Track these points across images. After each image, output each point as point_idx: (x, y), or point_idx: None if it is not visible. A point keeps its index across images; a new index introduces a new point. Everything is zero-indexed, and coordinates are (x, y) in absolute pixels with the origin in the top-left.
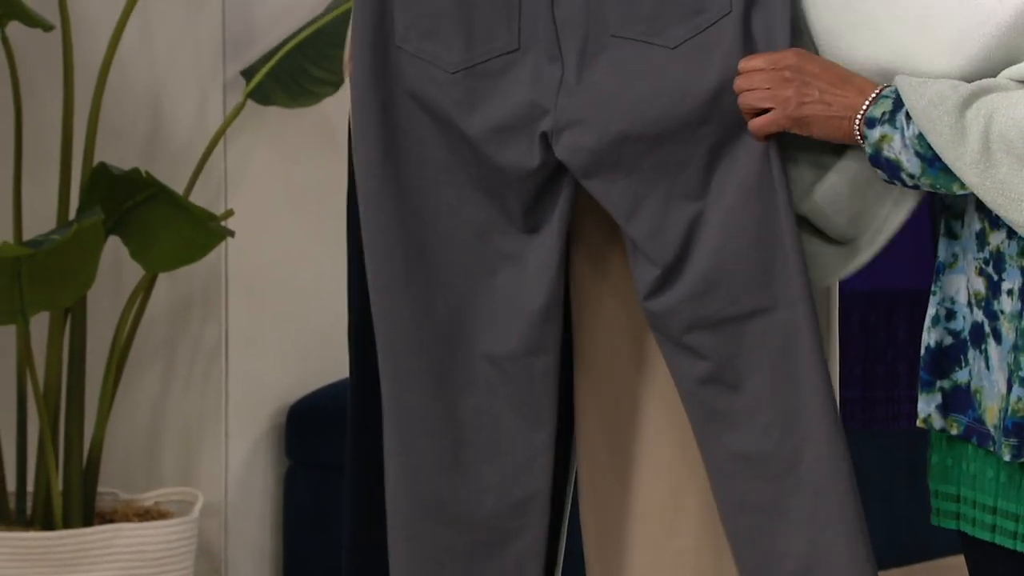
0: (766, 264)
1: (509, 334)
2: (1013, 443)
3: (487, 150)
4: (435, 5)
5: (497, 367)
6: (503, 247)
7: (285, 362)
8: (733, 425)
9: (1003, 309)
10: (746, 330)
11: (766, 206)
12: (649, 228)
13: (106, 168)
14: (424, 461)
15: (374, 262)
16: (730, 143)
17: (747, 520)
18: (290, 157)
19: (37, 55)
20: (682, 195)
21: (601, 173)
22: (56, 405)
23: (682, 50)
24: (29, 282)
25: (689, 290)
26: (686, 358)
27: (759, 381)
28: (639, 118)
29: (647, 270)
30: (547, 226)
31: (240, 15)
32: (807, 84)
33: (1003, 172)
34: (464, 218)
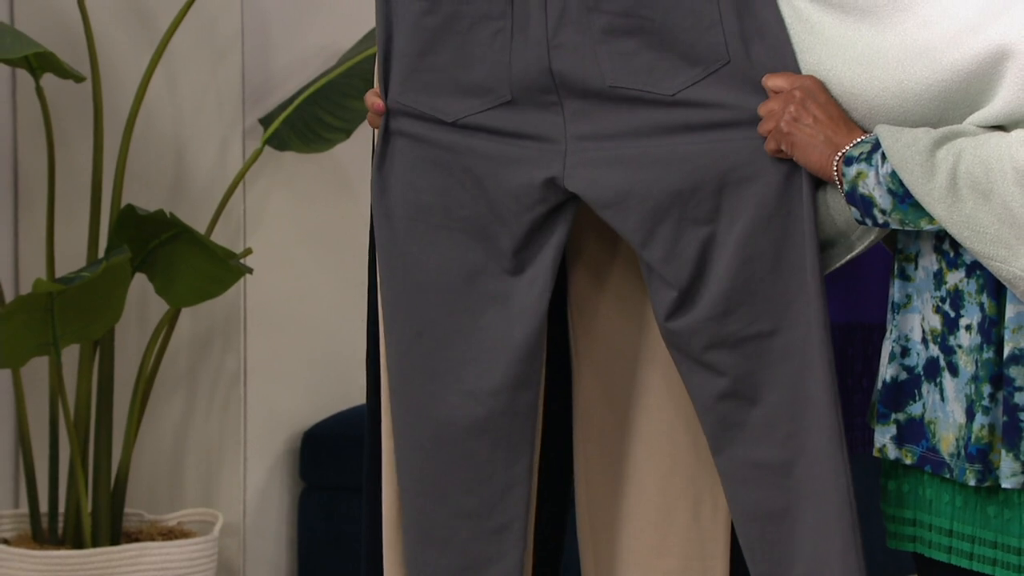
0: (786, 288)
1: (493, 371)
2: (977, 468)
3: (488, 183)
4: (432, 60)
5: (480, 403)
6: (491, 289)
7: (299, 391)
8: (750, 437)
9: (960, 344)
10: (765, 348)
11: (787, 232)
12: (663, 252)
13: (133, 210)
14: (409, 485)
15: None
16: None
17: (760, 527)
18: (304, 199)
19: (69, 104)
20: (693, 219)
21: (616, 204)
22: (86, 431)
23: (680, 97)
24: (61, 316)
25: (710, 311)
26: (705, 375)
27: (777, 396)
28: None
29: (665, 293)
30: (535, 268)
31: (259, 67)
32: (807, 108)
33: (969, 207)
34: (455, 260)
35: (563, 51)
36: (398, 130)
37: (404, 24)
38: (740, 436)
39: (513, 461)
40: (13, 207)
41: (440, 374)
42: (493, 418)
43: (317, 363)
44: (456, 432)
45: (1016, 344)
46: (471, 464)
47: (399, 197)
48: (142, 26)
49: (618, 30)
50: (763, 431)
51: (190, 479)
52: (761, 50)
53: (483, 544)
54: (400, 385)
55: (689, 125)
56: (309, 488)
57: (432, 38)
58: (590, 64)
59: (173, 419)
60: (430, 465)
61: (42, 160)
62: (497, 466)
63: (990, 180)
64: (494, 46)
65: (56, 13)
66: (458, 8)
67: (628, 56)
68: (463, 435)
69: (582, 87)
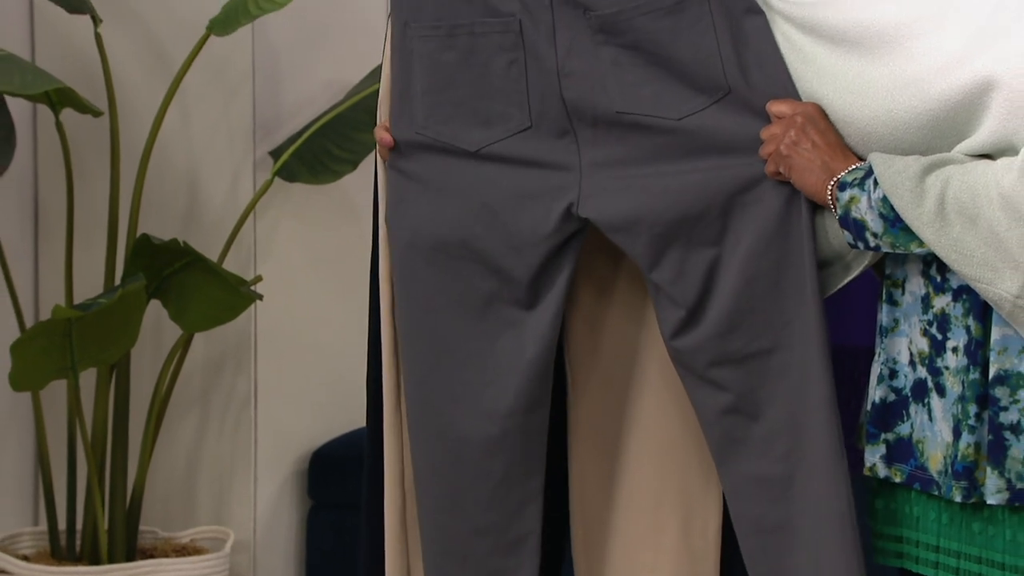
0: (785, 307)
1: (507, 393)
2: (963, 485)
3: (504, 216)
4: (453, 94)
5: (494, 423)
6: (506, 316)
7: (308, 412)
8: (752, 452)
9: (948, 365)
10: (766, 365)
11: (786, 253)
12: (672, 274)
13: (148, 239)
14: (430, 502)
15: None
16: (743, 194)
17: (762, 539)
18: (313, 228)
19: (87, 138)
20: (700, 242)
21: (627, 228)
22: (102, 451)
23: (685, 124)
24: (79, 341)
25: (714, 329)
26: (709, 391)
27: (777, 411)
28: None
29: (672, 312)
30: (548, 297)
31: (269, 102)
32: (807, 134)
33: (956, 231)
34: (472, 289)
35: (573, 80)
36: (418, 164)
37: (422, 60)
38: (742, 451)
39: (527, 478)
40: (33, 236)
41: (458, 397)
42: (507, 438)
43: (325, 385)
44: (473, 451)
45: (1001, 365)
46: (488, 482)
47: (419, 230)
48: (157, 63)
49: (625, 62)
50: (764, 446)
51: (203, 497)
52: (760, 79)
53: (501, 558)
54: (419, 408)
55: (695, 151)
56: (317, 506)
57: (451, 72)
58: (599, 92)
59: (186, 439)
60: (449, 483)
61: (61, 191)
62: (512, 484)
63: (977, 205)
64: (511, 76)
65: (75, 51)
66: (473, 42)
67: (635, 86)
68: (479, 454)
69: (592, 115)
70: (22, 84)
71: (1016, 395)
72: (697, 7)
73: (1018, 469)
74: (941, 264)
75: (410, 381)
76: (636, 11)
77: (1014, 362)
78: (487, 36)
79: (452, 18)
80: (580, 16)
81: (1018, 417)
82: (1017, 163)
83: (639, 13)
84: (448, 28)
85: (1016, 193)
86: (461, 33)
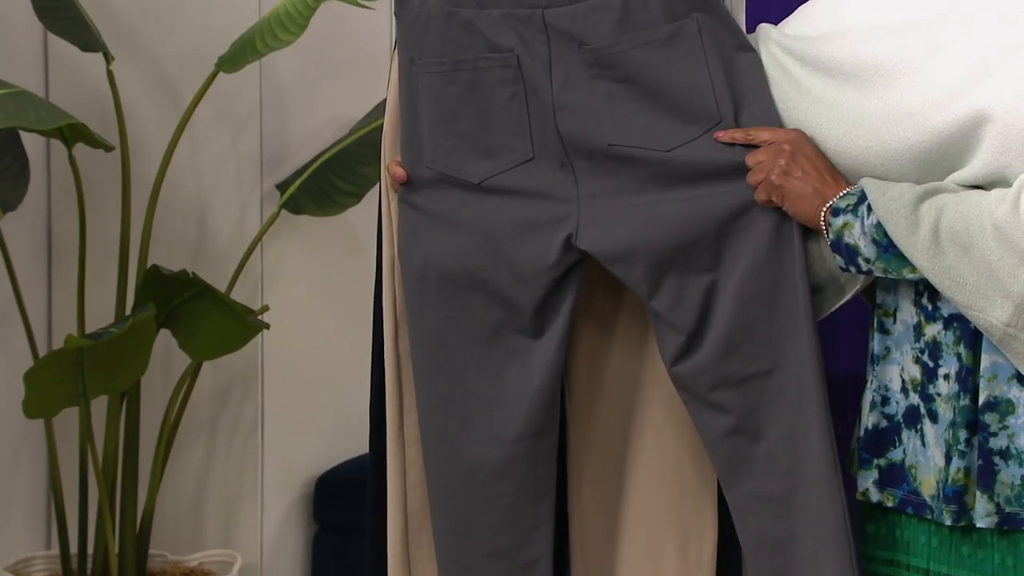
0: (781, 329)
1: (516, 419)
2: (953, 509)
3: (508, 248)
4: (457, 127)
5: (504, 448)
6: (514, 344)
7: (313, 439)
8: (756, 471)
9: (939, 392)
10: (765, 386)
11: (779, 276)
12: (670, 301)
13: (158, 269)
14: (444, 526)
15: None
16: (736, 220)
17: (767, 556)
18: (318, 259)
19: (99, 172)
20: (696, 268)
21: (624, 258)
22: (113, 477)
23: (677, 153)
24: (90, 369)
25: (713, 352)
26: (711, 413)
27: (776, 431)
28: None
29: (672, 338)
30: (553, 327)
31: (276, 137)
32: (797, 161)
33: (950, 258)
34: (480, 318)
35: (568, 113)
36: (427, 197)
37: (427, 95)
38: (747, 470)
39: (537, 503)
40: (47, 267)
41: (469, 422)
42: (517, 463)
43: (330, 412)
44: (484, 476)
45: (991, 392)
46: (499, 506)
47: (429, 262)
48: (167, 99)
49: (619, 94)
50: (766, 465)
51: (211, 522)
52: (750, 112)
53: None
54: (432, 434)
55: (687, 179)
56: (322, 530)
57: (455, 106)
58: (593, 125)
59: (195, 465)
60: (462, 508)
61: (74, 224)
62: (523, 508)
63: (970, 234)
64: (513, 108)
65: (88, 87)
66: (476, 76)
67: (628, 118)
68: (490, 479)
69: (587, 147)
70: (36, 120)
71: (1005, 421)
72: (690, 41)
73: (1007, 493)
74: (932, 293)
75: (422, 409)
76: (630, 44)
77: (1003, 389)
78: (489, 71)
79: (455, 54)
80: (575, 50)
81: (1007, 443)
82: (1011, 194)
83: (632, 46)
84: (452, 63)
85: (1009, 224)
86: (464, 68)
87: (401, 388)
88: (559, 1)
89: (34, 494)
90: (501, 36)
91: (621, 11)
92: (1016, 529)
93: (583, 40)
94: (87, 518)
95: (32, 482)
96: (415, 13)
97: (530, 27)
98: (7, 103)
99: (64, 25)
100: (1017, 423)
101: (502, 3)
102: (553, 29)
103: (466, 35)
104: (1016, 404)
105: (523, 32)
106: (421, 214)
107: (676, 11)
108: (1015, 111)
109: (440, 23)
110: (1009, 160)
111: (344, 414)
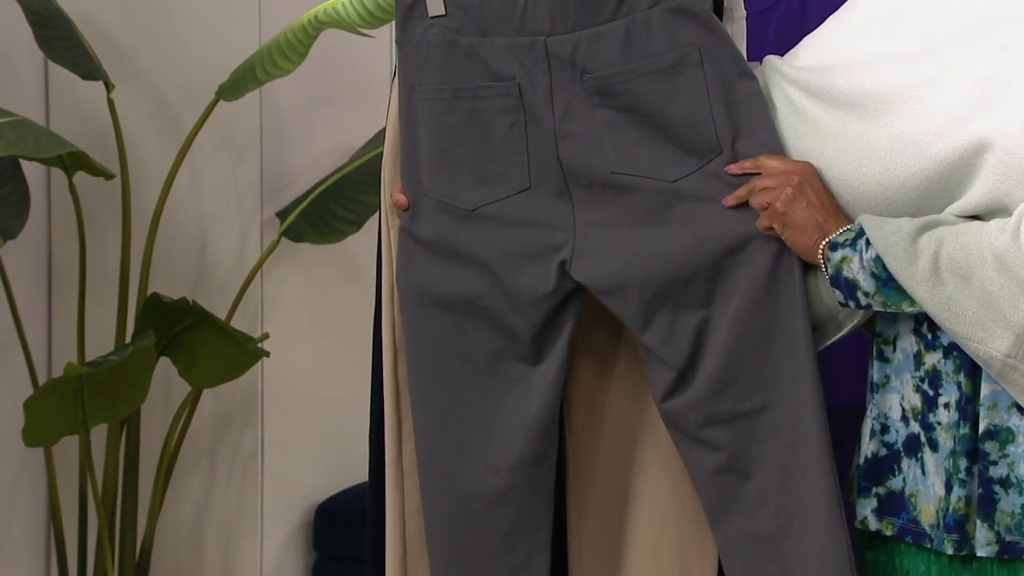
0: (775, 366)
1: (513, 447)
2: (955, 538)
3: (505, 277)
4: (455, 154)
5: (501, 477)
6: (512, 372)
7: (313, 467)
8: (745, 510)
9: (940, 420)
10: (757, 423)
11: (775, 314)
12: (662, 336)
13: (158, 297)
14: (440, 554)
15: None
16: (732, 256)
17: None
18: (318, 287)
19: (100, 200)
20: (689, 304)
21: (617, 292)
22: (113, 504)
23: (679, 185)
24: (90, 397)
25: (704, 389)
26: (701, 451)
27: (769, 469)
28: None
29: (663, 374)
30: (551, 356)
31: (276, 165)
32: (803, 192)
33: (950, 290)
34: (479, 346)
35: (570, 141)
36: (426, 224)
37: (427, 123)
38: (736, 509)
39: (534, 530)
40: (47, 295)
41: (466, 450)
42: (514, 491)
43: (329, 440)
44: (481, 505)
45: (991, 421)
46: (495, 534)
47: (428, 289)
48: (168, 127)
49: (620, 123)
50: (756, 504)
51: (211, 549)
52: (750, 140)
53: None
54: (429, 462)
55: (685, 212)
56: (322, 558)
57: (454, 134)
58: (595, 154)
59: (195, 493)
60: (458, 536)
61: (74, 252)
62: (519, 537)
63: (970, 265)
64: (511, 137)
65: (88, 116)
66: (476, 105)
67: (630, 147)
68: (487, 507)
69: (587, 176)
70: (37, 148)
71: (1005, 450)
72: (692, 70)
73: (1007, 522)
74: (932, 322)
75: (419, 436)
76: (632, 73)
77: (1003, 417)
78: (489, 99)
79: (456, 81)
80: (577, 78)
81: (1007, 471)
82: (1011, 224)
83: (635, 75)
84: (452, 91)
85: (1010, 252)
86: (465, 96)
87: (400, 415)
88: (561, 29)
89: (33, 522)
90: (503, 64)
91: (624, 39)
92: (1017, 558)
93: (585, 68)
94: (86, 546)
95: (31, 510)
96: (416, 41)
97: (532, 55)
98: (7, 131)
99: (64, 53)
100: (1017, 451)
101: (504, 31)
102: (555, 57)
103: (467, 63)
104: (1016, 432)
105: (525, 60)
106: (419, 242)
107: (678, 39)
108: (1016, 139)
109: (441, 51)
110: (1010, 188)
111: (344, 442)
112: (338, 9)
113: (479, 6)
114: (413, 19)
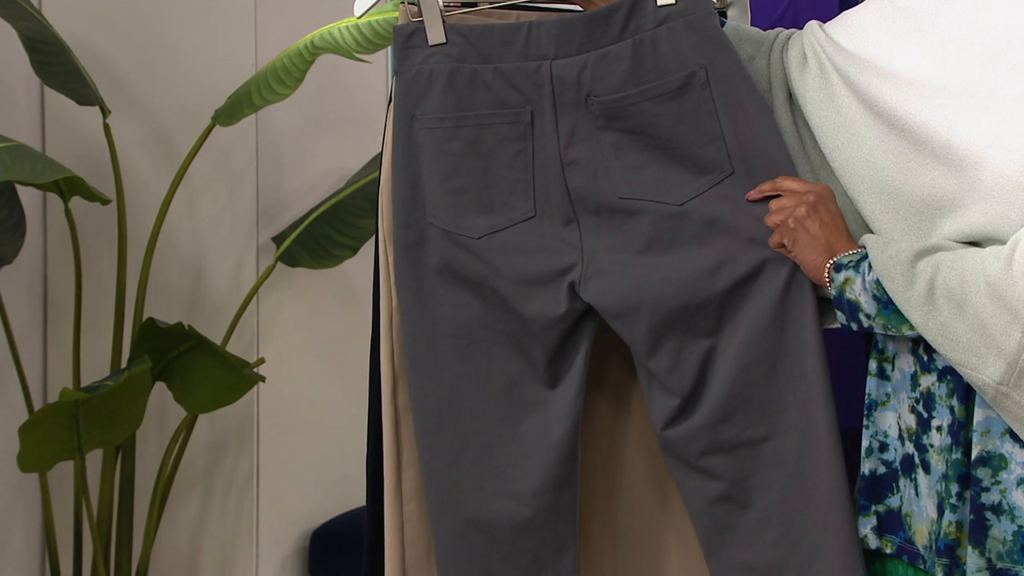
0: (781, 395)
1: (536, 473)
2: (945, 563)
3: (515, 302)
4: (457, 183)
5: (525, 504)
6: (530, 396)
7: (308, 492)
8: (743, 540)
9: (932, 443)
10: (760, 452)
11: (781, 342)
12: (668, 363)
13: (154, 322)
14: None
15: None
16: (742, 285)
17: None
18: (314, 312)
19: (95, 225)
20: (697, 332)
21: (627, 315)
22: (108, 529)
23: (688, 207)
24: (85, 422)
25: (707, 418)
26: (700, 480)
27: (769, 499)
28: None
29: (666, 401)
30: (568, 378)
31: (271, 190)
32: (817, 211)
33: (944, 315)
34: (496, 372)
35: (576, 168)
36: (432, 252)
37: (429, 151)
38: (732, 539)
39: (559, 556)
40: (43, 320)
41: (486, 480)
42: (539, 517)
43: (325, 465)
44: (504, 533)
45: (984, 447)
46: (521, 562)
47: (440, 317)
48: (164, 153)
49: (626, 145)
50: (755, 534)
51: (206, 574)
52: (759, 161)
53: None
54: (445, 493)
55: (696, 236)
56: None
57: (456, 162)
58: (602, 178)
59: (190, 518)
60: (478, 565)
61: (70, 277)
62: (545, 563)
63: (965, 292)
64: (516, 166)
65: (84, 141)
66: (479, 133)
67: (637, 169)
68: (510, 536)
69: (595, 201)
70: (32, 173)
71: (998, 476)
72: (699, 91)
73: (998, 549)
74: (928, 344)
75: (433, 465)
76: (640, 96)
77: (996, 443)
78: (493, 127)
79: (458, 109)
80: (581, 102)
81: (999, 498)
82: (1005, 251)
83: (643, 98)
84: (454, 119)
85: (1002, 280)
86: (467, 124)
87: (399, 442)
88: (567, 52)
89: (28, 548)
90: (508, 91)
91: (631, 60)
92: None
93: (592, 90)
94: (81, 572)
95: (27, 535)
96: (416, 70)
97: (536, 79)
98: (3, 156)
99: (61, 79)
100: (1010, 478)
101: (507, 56)
102: (559, 80)
103: (470, 91)
104: (1009, 459)
105: (529, 84)
106: (426, 271)
107: (686, 59)
108: (1014, 163)
109: (443, 79)
110: (1004, 212)
111: (340, 467)
112: (334, 34)
113: (481, 33)
114: (412, 48)
